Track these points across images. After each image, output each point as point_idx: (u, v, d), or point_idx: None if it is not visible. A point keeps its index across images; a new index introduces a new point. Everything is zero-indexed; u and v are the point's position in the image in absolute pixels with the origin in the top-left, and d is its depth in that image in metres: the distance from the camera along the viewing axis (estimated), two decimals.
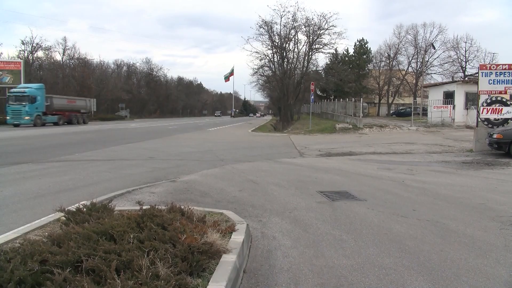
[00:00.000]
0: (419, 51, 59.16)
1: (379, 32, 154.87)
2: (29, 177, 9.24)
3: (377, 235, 4.90)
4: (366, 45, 62.97)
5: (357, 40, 63.22)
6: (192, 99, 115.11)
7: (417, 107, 41.11)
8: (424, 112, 36.54)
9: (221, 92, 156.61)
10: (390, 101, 65.79)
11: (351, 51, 62.68)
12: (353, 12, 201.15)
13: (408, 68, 62.12)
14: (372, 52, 63.98)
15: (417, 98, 52.50)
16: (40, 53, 63.81)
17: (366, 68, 63.37)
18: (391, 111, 62.92)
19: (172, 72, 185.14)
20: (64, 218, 4.31)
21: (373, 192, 7.61)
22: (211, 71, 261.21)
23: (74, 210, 4.33)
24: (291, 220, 5.58)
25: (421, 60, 56.32)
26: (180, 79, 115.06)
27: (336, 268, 3.88)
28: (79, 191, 7.60)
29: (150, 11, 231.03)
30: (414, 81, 61.31)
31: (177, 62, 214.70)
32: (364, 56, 62.58)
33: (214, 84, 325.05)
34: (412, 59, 61.01)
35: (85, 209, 4.31)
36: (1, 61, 49.32)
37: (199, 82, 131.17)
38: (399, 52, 61.78)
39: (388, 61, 63.77)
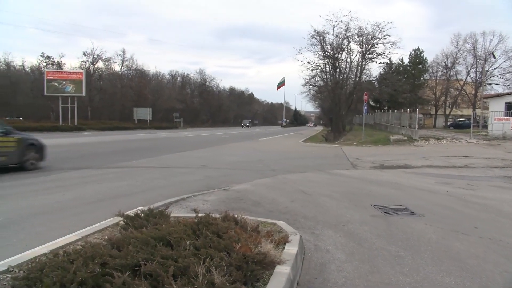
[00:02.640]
0: (478, 60, 56.69)
1: (435, 41, 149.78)
2: (89, 182, 9.66)
3: (436, 253, 4.68)
4: (421, 55, 61.07)
5: (412, 50, 61.48)
6: (243, 109, 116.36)
7: (476, 119, 39.26)
8: (484, 124, 34.84)
9: (271, 102, 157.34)
10: (447, 113, 63.31)
11: (406, 61, 61.05)
12: (407, 21, 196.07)
13: (466, 78, 59.57)
14: (428, 61, 61.96)
15: (476, 109, 50.21)
16: (100, 64, 67.08)
17: (422, 78, 61.37)
18: (448, 123, 60.44)
19: (225, 83, 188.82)
20: (122, 222, 4.44)
21: (430, 207, 7.31)
22: (263, 82, 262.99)
23: (132, 215, 4.46)
24: (344, 233, 5.46)
25: (480, 70, 53.98)
26: (232, 89, 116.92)
27: (393, 285, 3.74)
28: (136, 197, 7.85)
29: (204, 23, 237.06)
30: (473, 92, 58.69)
31: (230, 72, 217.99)
32: (420, 66, 60.69)
33: (265, 94, 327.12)
34: (471, 69, 58.54)
35: (142, 215, 4.43)
36: (64, 72, 52.04)
37: (250, 92, 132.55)
38: (457, 61, 59.44)
39: (445, 71, 61.47)
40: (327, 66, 40.53)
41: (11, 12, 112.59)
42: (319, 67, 40.56)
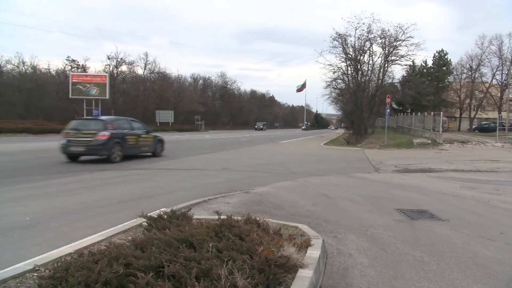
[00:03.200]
0: (504, 62, 55.52)
1: (459, 42, 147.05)
2: (113, 183, 9.81)
3: (461, 258, 4.58)
4: (445, 57, 60.10)
5: (436, 51, 60.59)
6: (264, 111, 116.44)
7: (502, 122, 38.38)
8: (510, 127, 34.03)
9: (292, 105, 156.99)
10: (472, 116, 62.05)
11: (429, 63, 60.19)
12: (431, 23, 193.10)
13: (492, 81, 58.37)
14: (452, 63, 60.95)
15: (502, 112, 49.05)
16: (123, 68, 68.31)
17: (446, 81, 60.36)
18: (473, 126, 59.31)
19: (246, 85, 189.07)
20: (146, 223, 4.48)
21: (455, 212, 7.16)
22: (284, 84, 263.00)
23: (156, 216, 4.50)
24: (367, 237, 5.39)
25: (506, 72, 52.73)
26: (253, 92, 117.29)
27: None
28: (158, 198, 7.92)
29: (226, 26, 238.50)
30: (499, 94, 57.36)
31: (251, 75, 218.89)
32: (444, 68, 59.74)
33: (286, 97, 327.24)
34: (496, 71, 57.39)
35: (165, 216, 4.45)
36: (89, 75, 53.12)
37: (271, 95, 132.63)
38: (482, 63, 58.30)
39: (470, 73, 60.35)
40: (349, 68, 40.27)
41: (38, 17, 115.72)
42: (341, 70, 40.34)
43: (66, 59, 60.77)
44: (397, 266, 4.31)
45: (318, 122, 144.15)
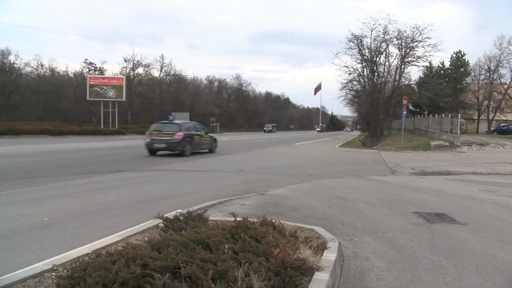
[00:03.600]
0: None
1: (477, 43, 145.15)
2: (129, 184, 9.90)
3: (480, 263, 4.49)
4: (463, 57, 59.33)
5: (454, 52, 59.88)
6: (279, 113, 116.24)
7: None
8: None
9: (308, 107, 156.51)
10: (490, 117, 61.02)
11: (446, 64, 59.43)
12: (448, 23, 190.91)
13: (511, 82, 57.28)
14: (470, 64, 60.07)
15: None
16: (140, 70, 68.94)
17: (464, 82, 59.55)
18: (492, 128, 58.28)
19: (261, 87, 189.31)
20: (162, 225, 4.51)
21: (474, 215, 7.04)
22: (299, 86, 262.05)
23: (172, 217, 4.52)
24: (384, 241, 5.33)
25: None
26: (268, 94, 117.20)
27: None
28: (174, 199, 7.97)
29: (241, 28, 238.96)
30: None
31: (266, 77, 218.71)
32: (462, 69, 58.95)
33: (301, 99, 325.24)
34: None
35: (181, 217, 4.48)
36: (106, 77, 53.69)
37: (286, 97, 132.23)
38: (501, 64, 57.17)
39: (488, 74, 59.36)
40: (365, 70, 39.94)
41: (56, 21, 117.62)
42: (357, 71, 40.00)
43: (84, 62, 61.70)
44: (415, 270, 4.25)
45: (333, 124, 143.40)
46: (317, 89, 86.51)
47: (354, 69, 39.61)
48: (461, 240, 5.40)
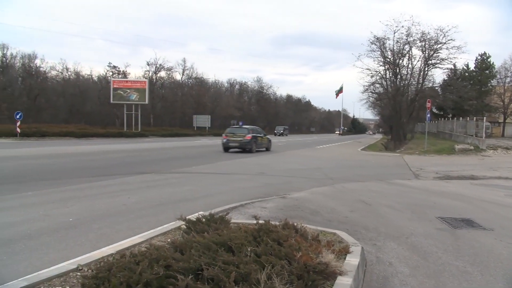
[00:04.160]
0: None
1: (503, 45, 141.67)
2: (152, 186, 10.00)
3: (507, 270, 4.39)
4: (488, 59, 57.91)
5: (479, 54, 58.44)
6: (300, 116, 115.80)
7: None
8: None
9: (329, 109, 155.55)
10: None
11: (471, 66, 58.16)
12: (473, 25, 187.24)
13: None
14: (495, 67, 58.66)
15: None
16: (162, 73, 69.73)
17: (489, 85, 58.15)
18: None
19: (282, 90, 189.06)
20: (184, 226, 4.54)
21: (500, 221, 6.88)
22: (320, 89, 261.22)
23: (194, 219, 4.55)
24: (408, 246, 5.24)
25: None
26: (289, 97, 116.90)
27: None
28: (196, 202, 8.02)
29: (262, 32, 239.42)
30: None
31: (287, 80, 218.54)
32: (487, 72, 57.56)
33: (322, 101, 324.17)
34: None
35: (204, 219, 4.50)
36: (129, 81, 54.55)
37: (307, 100, 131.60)
38: None
39: None
40: (388, 72, 39.37)
41: (81, 25, 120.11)
42: (379, 74, 39.49)
43: (108, 66, 62.98)
44: (439, 276, 4.17)
45: (355, 127, 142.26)
46: (339, 92, 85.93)
47: (377, 71, 39.11)
48: (487, 246, 5.28)
